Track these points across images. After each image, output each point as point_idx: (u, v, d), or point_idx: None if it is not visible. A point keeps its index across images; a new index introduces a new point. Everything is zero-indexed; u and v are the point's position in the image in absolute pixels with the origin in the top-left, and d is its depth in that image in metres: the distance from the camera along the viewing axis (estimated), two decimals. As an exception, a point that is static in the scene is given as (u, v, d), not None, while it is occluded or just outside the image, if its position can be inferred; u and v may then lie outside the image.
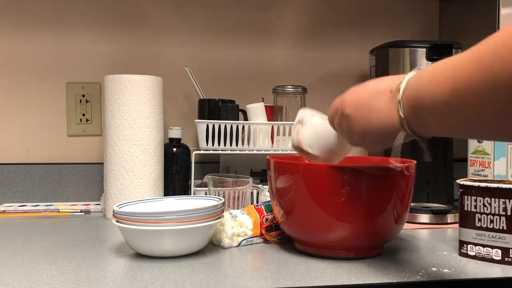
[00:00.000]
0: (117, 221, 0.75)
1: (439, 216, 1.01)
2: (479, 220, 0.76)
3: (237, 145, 1.15)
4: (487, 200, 0.75)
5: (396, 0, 1.45)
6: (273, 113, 1.23)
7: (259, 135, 1.16)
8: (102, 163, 1.11)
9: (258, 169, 1.27)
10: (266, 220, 0.85)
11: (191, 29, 1.35)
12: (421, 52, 1.07)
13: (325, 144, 0.67)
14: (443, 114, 0.48)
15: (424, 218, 1.02)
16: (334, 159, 0.71)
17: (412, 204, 0.81)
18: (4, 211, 1.11)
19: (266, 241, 0.85)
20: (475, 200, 0.76)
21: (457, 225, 0.81)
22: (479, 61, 0.43)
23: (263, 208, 0.87)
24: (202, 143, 1.14)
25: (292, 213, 0.76)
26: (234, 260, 0.75)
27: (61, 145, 1.30)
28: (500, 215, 0.74)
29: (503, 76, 0.40)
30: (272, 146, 1.16)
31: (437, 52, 1.07)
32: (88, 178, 1.28)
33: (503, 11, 1.10)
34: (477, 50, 0.44)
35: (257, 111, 1.18)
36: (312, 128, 0.68)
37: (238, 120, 1.19)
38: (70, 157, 1.30)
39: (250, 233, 0.83)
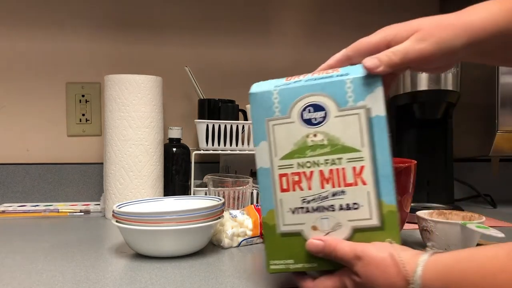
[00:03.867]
0: (116, 221, 0.75)
1: (439, 216, 1.01)
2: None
3: (237, 145, 1.15)
4: None
5: (396, 0, 1.45)
6: (273, 113, 1.22)
7: (259, 135, 1.15)
8: (102, 163, 1.11)
9: (258, 169, 1.27)
10: (266, 220, 0.85)
11: (191, 29, 1.35)
12: (421, 52, 1.06)
13: (458, 242, 0.74)
14: None
15: (424, 218, 1.02)
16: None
17: (412, 204, 0.81)
18: (3, 211, 1.11)
19: (266, 241, 0.85)
20: None
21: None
22: None
23: (263, 208, 0.86)
24: (202, 143, 1.13)
25: (292, 213, 0.75)
26: (234, 260, 0.75)
27: (61, 145, 1.30)
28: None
29: None
30: (272, 146, 1.16)
31: (437, 52, 1.06)
32: (88, 178, 1.28)
33: (503, 11, 1.10)
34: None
35: (257, 111, 1.17)
36: (440, 234, 0.75)
37: (238, 120, 1.19)
38: (69, 157, 1.30)
39: (250, 233, 0.83)
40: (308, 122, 0.56)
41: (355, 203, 0.55)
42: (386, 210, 0.54)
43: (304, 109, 0.56)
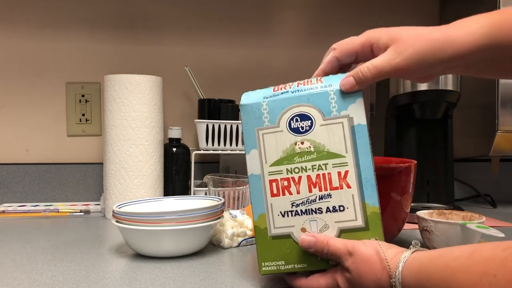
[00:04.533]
0: (116, 221, 0.75)
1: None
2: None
3: (237, 145, 1.15)
4: None
5: (396, 0, 1.45)
6: (273, 113, 1.22)
7: (259, 135, 1.15)
8: (102, 163, 1.11)
9: (258, 169, 1.27)
10: (266, 220, 0.85)
11: (191, 29, 1.35)
12: (421, 52, 1.06)
13: (458, 242, 0.74)
14: None
15: (424, 218, 1.02)
16: None
17: (412, 204, 0.81)
18: (3, 211, 1.11)
19: (266, 241, 0.85)
20: None
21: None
22: None
23: (263, 208, 0.86)
24: (202, 143, 1.13)
25: (292, 213, 0.75)
26: (234, 260, 0.75)
27: (61, 145, 1.30)
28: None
29: None
30: (272, 146, 1.16)
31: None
32: (88, 178, 1.28)
33: (503, 11, 1.10)
34: None
35: (257, 111, 1.18)
36: (440, 234, 0.76)
37: (238, 120, 1.19)
38: (69, 157, 1.29)
39: (250, 233, 0.83)
40: (296, 130, 0.59)
41: (341, 206, 0.58)
42: (370, 211, 0.57)
43: (291, 119, 0.60)
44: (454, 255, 0.47)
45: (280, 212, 0.60)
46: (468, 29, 0.56)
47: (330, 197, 0.58)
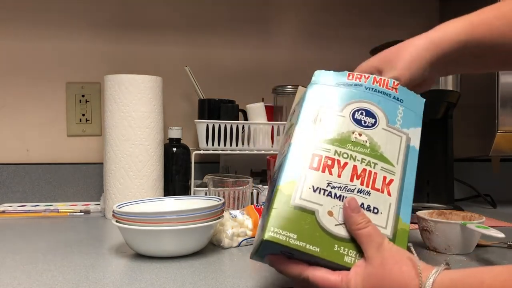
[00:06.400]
0: (117, 221, 0.75)
1: (439, 216, 1.00)
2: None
3: (237, 145, 1.15)
4: None
5: (396, 0, 1.45)
6: (273, 113, 1.23)
7: (259, 135, 1.15)
8: (102, 163, 1.11)
9: (258, 169, 1.27)
10: (266, 220, 0.85)
11: (191, 29, 1.35)
12: (421, 52, 1.06)
13: (458, 242, 0.77)
14: None
15: (424, 218, 1.02)
16: (470, 249, 0.79)
17: (412, 204, 0.81)
18: (4, 211, 1.11)
19: (266, 241, 0.84)
20: None
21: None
22: None
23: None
24: (202, 143, 1.14)
25: (292, 213, 0.75)
26: (234, 260, 0.75)
27: (61, 145, 1.30)
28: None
29: None
30: (272, 146, 1.16)
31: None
32: (88, 178, 1.28)
33: (503, 11, 1.10)
34: None
35: (257, 111, 1.18)
36: (440, 234, 0.78)
37: (238, 120, 1.19)
38: (69, 157, 1.29)
39: (250, 233, 0.83)
40: (358, 122, 0.60)
41: (375, 208, 0.57)
42: (400, 226, 0.57)
43: (357, 110, 0.61)
44: (494, 273, 0.46)
45: (313, 186, 0.56)
46: (445, 29, 0.62)
47: (369, 195, 0.57)
